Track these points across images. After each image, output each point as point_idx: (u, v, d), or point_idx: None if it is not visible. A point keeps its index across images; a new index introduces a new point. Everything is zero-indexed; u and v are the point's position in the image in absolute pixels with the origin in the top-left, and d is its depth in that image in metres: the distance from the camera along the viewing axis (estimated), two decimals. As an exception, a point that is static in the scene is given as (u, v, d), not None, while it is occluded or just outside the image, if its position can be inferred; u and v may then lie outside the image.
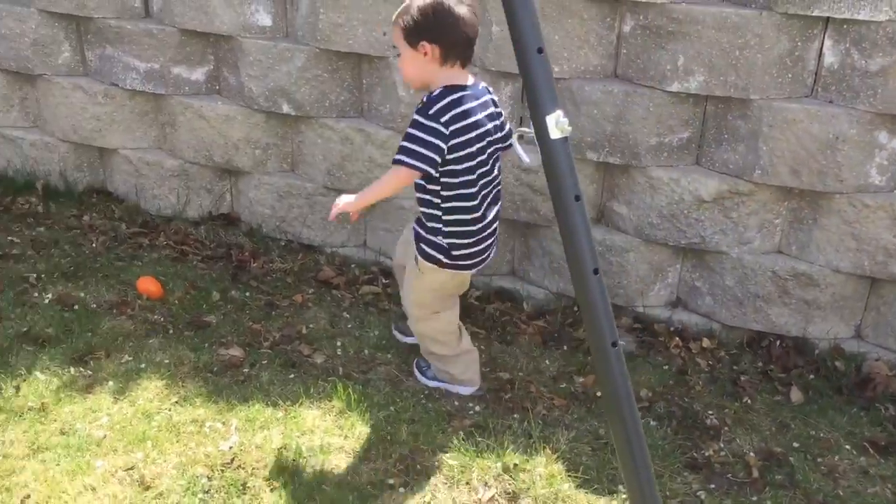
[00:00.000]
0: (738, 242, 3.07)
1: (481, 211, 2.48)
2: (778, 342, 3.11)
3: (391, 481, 2.36)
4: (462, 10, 2.31)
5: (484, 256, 2.59)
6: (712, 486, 2.43)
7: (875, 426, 2.73)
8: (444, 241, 2.49)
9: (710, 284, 3.18)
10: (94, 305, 3.14)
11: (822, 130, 2.82)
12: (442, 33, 2.31)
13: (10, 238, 3.59)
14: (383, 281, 3.43)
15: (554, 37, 2.97)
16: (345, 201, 2.51)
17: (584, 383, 2.88)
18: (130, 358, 2.84)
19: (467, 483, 2.37)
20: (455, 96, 2.36)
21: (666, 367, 3.00)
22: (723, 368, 3.01)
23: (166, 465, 2.38)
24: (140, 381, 2.73)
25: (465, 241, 2.49)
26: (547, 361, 3.00)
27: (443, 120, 2.32)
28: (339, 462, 2.42)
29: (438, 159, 2.35)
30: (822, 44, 2.79)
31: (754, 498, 2.38)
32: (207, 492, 2.30)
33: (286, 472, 2.37)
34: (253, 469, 2.38)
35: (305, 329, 3.07)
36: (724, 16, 2.78)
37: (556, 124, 1.68)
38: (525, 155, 2.19)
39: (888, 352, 3.03)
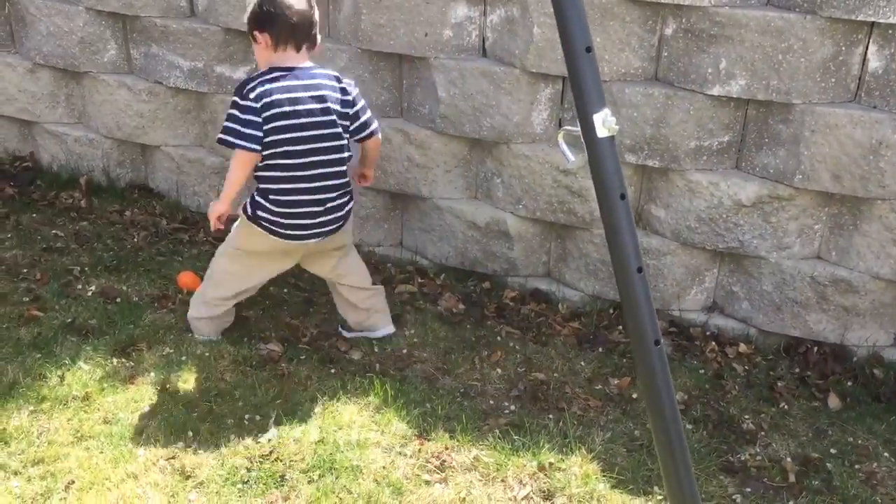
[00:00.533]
0: (776, 247, 3.05)
1: (293, 185, 2.65)
2: (815, 349, 3.08)
3: (427, 477, 2.38)
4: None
5: (298, 233, 2.72)
6: (748, 489, 2.42)
7: (915, 435, 2.70)
8: (257, 199, 2.71)
9: (748, 289, 3.16)
10: (136, 298, 3.20)
11: (864, 136, 2.80)
12: (269, 22, 2.59)
13: (54, 232, 3.66)
14: (419, 280, 3.45)
15: (595, 39, 2.98)
16: (215, 209, 2.75)
17: (619, 385, 2.88)
18: (171, 350, 2.89)
19: (503, 480, 2.38)
20: (270, 76, 2.61)
21: (702, 371, 2.99)
22: (759, 374, 2.99)
23: (206, 455, 2.42)
24: (181, 373, 2.78)
25: (273, 209, 2.67)
26: (582, 363, 3.00)
27: (252, 97, 2.57)
28: (375, 457, 2.44)
29: (260, 133, 2.59)
30: (867, 49, 2.77)
31: (791, 503, 2.37)
32: (246, 482, 2.33)
33: (323, 465, 2.40)
34: (291, 462, 2.41)
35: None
36: (768, 20, 2.78)
37: (604, 123, 1.68)
38: (570, 154, 2.20)
39: (929, 360, 3.00)
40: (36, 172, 4.11)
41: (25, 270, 3.33)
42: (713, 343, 3.13)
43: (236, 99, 2.61)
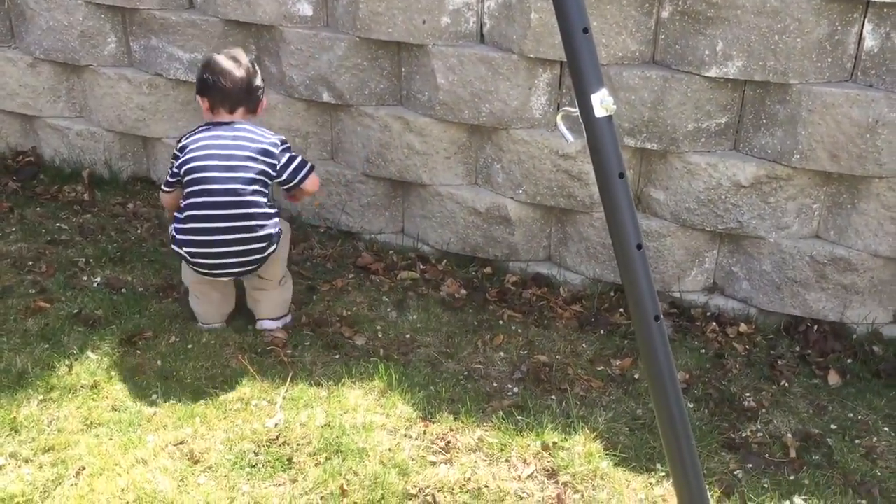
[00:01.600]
0: (775, 227, 3.08)
1: (190, 225, 2.82)
2: (815, 327, 3.11)
3: (432, 458, 2.41)
4: (226, 64, 2.90)
5: (198, 269, 2.88)
6: (749, 465, 2.45)
7: (914, 409, 2.73)
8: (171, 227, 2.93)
9: (748, 270, 3.19)
10: (141, 289, 3.23)
11: (861, 114, 2.82)
12: (206, 89, 2.91)
13: (58, 224, 3.69)
14: (421, 266, 3.48)
15: (592, 23, 2.96)
16: None
17: (620, 366, 2.91)
18: (177, 339, 2.92)
19: (507, 460, 2.42)
20: (197, 128, 2.93)
21: (703, 350, 3.02)
22: (760, 353, 3.02)
23: (214, 440, 2.45)
24: (187, 360, 2.81)
25: (179, 239, 2.85)
26: (584, 345, 3.03)
27: (178, 146, 2.91)
28: (381, 439, 2.47)
29: (172, 179, 2.93)
30: (863, 27, 2.79)
31: (792, 477, 2.40)
32: (254, 466, 2.36)
33: (330, 448, 2.43)
34: (298, 445, 2.44)
35: (346, 312, 3.13)
36: (764, 0, 2.79)
37: (602, 103, 1.71)
38: (569, 134, 2.20)
39: (928, 337, 3.03)
40: (39, 167, 4.14)
41: (31, 263, 3.36)
42: (714, 323, 3.16)
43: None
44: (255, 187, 2.82)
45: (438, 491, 2.29)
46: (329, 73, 3.45)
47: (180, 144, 2.89)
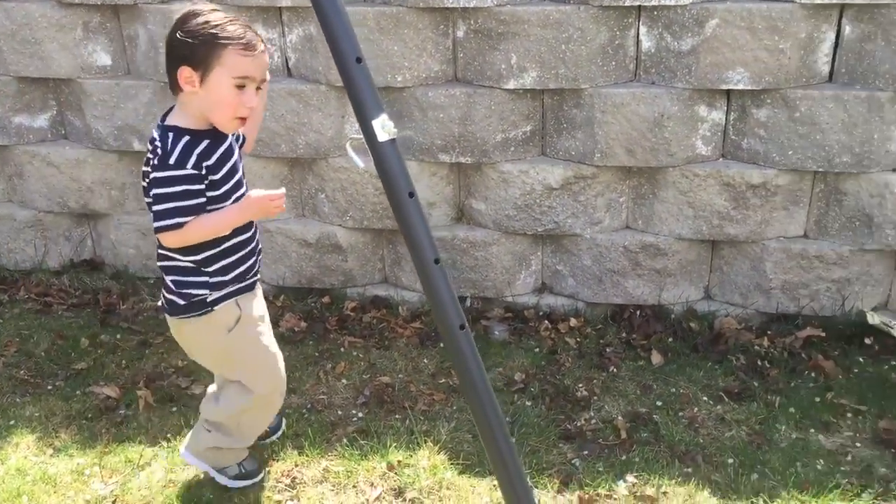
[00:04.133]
0: (589, 224, 3.25)
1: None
2: (637, 312, 3.31)
3: (278, 497, 2.39)
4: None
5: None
6: (585, 452, 2.57)
7: (728, 376, 2.94)
8: None
9: (571, 266, 3.35)
10: (-45, 368, 3.03)
11: (648, 111, 3.03)
12: None
13: None
14: (258, 305, 3.44)
15: (393, 48, 3.08)
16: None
17: (461, 376, 2.98)
18: (-1, 416, 2.76)
19: (354, 486, 2.43)
20: None
21: (537, 349, 3.14)
22: (590, 343, 3.18)
23: (46, 517, 2.33)
24: (11, 437, 2.65)
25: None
26: (425, 360, 3.09)
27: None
28: (224, 488, 2.42)
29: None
30: (638, 31, 3.01)
31: (623, 457, 2.54)
32: (92, 537, 2.27)
33: (171, 502, 2.36)
34: (138, 507, 2.36)
35: (182, 363, 3.05)
36: (547, 13, 2.96)
37: (383, 127, 1.76)
38: (359, 160, 2.22)
39: (735, 307, 3.28)
40: None
41: None
42: (546, 321, 3.30)
43: None
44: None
45: (287, 529, 2.27)
46: (136, 121, 3.37)
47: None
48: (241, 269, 2.21)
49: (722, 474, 2.48)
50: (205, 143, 2.06)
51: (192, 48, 1.98)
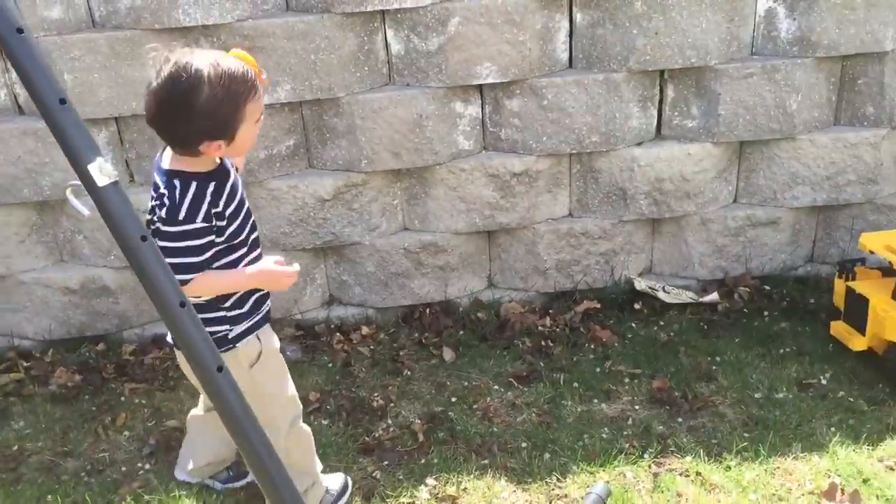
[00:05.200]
0: (367, 230, 3.24)
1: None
2: (427, 310, 3.34)
3: (60, 575, 2.20)
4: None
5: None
6: (385, 462, 2.56)
7: (516, 361, 3.04)
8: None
9: (356, 275, 3.32)
10: None
11: (407, 112, 3.05)
12: None
13: None
14: (25, 364, 3.14)
15: (133, 74, 2.89)
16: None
17: (255, 405, 2.88)
18: None
19: (144, 547, 2.28)
20: None
21: (331, 364, 3.09)
22: (383, 350, 3.17)
23: None
24: None
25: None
26: (215, 395, 2.95)
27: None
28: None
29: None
30: (386, 35, 3.02)
31: (423, 461, 2.55)
32: None
33: None
34: None
35: None
36: (290, 25, 2.90)
37: (101, 171, 1.63)
38: (83, 207, 2.03)
39: (517, 291, 3.40)
40: None
41: None
42: (338, 334, 3.25)
43: None
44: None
45: None
46: None
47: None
48: (255, 298, 2.13)
49: (517, 459, 2.55)
50: (212, 186, 1.95)
51: (216, 120, 1.85)
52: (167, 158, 1.98)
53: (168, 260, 1.83)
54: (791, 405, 2.72)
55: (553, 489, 2.43)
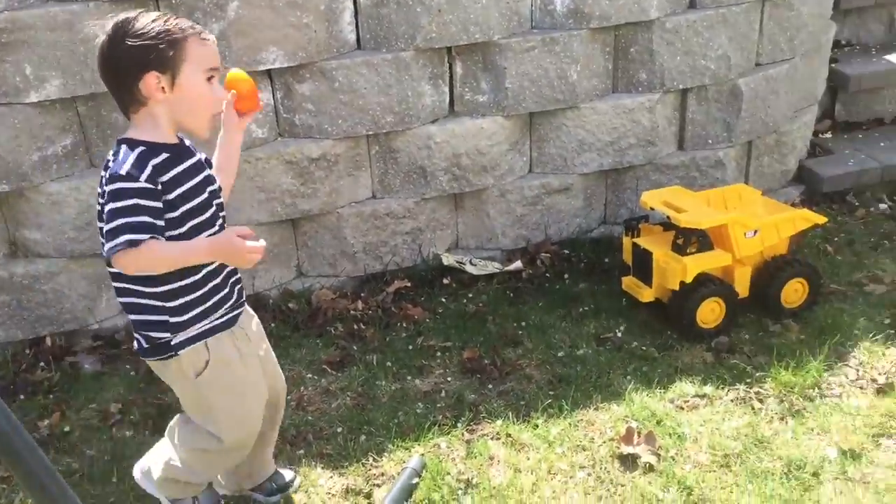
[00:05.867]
0: (163, 229, 3.09)
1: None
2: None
3: None
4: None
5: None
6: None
7: (329, 347, 3.02)
8: None
9: (156, 276, 3.17)
10: None
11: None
12: None
13: None
14: None
15: None
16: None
17: (50, 425, 2.68)
18: None
19: None
20: None
21: (133, 373, 2.94)
22: (191, 351, 3.04)
23: None
24: None
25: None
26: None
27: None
28: None
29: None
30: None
31: (235, 460, 2.48)
32: None
33: None
34: None
35: None
36: (52, 15, 2.70)
37: None
38: None
39: (327, 278, 3.37)
40: None
41: None
42: (141, 340, 3.09)
43: None
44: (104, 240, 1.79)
45: None
46: None
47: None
48: (210, 303, 1.93)
49: (332, 445, 2.53)
50: (163, 155, 1.80)
51: (152, 50, 1.75)
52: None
53: (113, 223, 1.72)
54: (591, 360, 2.87)
55: (370, 469, 2.43)
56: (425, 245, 3.44)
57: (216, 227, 1.92)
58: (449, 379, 2.83)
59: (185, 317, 1.91)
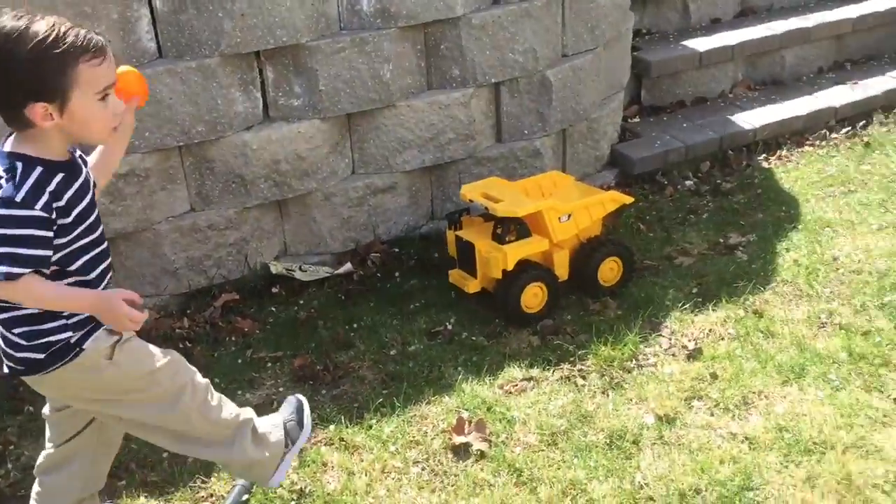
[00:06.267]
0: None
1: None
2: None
3: None
4: None
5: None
6: (6, 513, 2.30)
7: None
8: None
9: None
10: None
11: None
12: None
13: None
14: None
15: None
16: None
17: None
18: None
19: None
20: None
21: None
22: None
23: None
24: None
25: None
26: None
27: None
28: None
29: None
30: None
31: None
32: None
33: None
34: None
35: None
36: None
37: None
38: None
39: (149, 297, 3.21)
40: None
41: None
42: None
43: None
44: None
45: None
46: None
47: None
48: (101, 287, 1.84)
49: (157, 472, 2.43)
50: (59, 176, 1.71)
51: (37, 78, 1.63)
52: (10, 143, 1.74)
53: (4, 249, 1.61)
54: (423, 355, 2.90)
55: (198, 492, 2.35)
56: (252, 255, 3.36)
57: (104, 245, 1.87)
58: (281, 389, 2.77)
59: (80, 317, 1.81)
